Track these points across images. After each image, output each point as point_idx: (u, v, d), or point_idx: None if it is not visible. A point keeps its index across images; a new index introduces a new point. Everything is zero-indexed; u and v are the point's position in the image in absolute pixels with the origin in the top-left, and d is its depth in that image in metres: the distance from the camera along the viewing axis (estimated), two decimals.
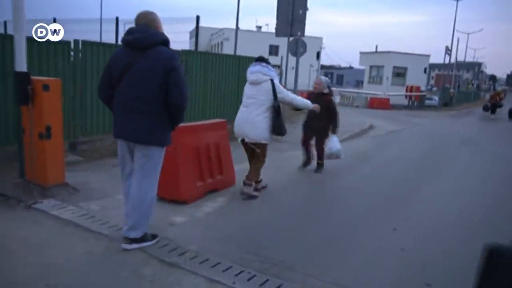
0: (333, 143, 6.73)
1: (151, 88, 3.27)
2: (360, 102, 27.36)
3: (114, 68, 3.38)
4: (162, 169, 4.72)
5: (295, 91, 19.36)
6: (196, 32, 9.76)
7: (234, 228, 4.26)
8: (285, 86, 17.53)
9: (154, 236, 3.70)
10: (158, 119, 3.38)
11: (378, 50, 34.69)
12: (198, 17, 9.73)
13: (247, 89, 5.27)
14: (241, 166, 6.13)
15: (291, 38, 17.14)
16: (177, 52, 3.73)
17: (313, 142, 7.07)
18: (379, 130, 13.66)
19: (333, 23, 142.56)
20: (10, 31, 12.60)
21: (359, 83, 47.42)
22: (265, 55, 22.22)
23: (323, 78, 5.99)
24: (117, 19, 11.46)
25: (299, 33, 12.91)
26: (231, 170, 5.66)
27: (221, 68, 10.24)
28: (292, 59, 16.90)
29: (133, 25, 3.45)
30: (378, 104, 26.14)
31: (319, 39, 54.82)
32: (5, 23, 13.61)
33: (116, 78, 3.36)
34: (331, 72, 70.79)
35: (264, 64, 5.21)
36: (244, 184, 5.32)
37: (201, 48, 48.69)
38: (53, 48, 6.96)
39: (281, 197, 5.51)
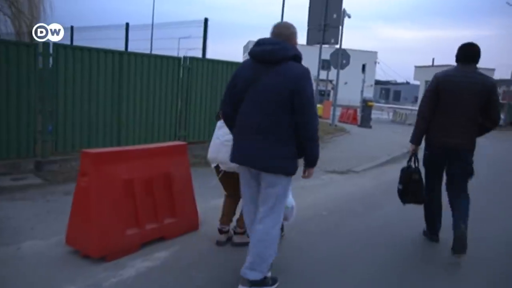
0: None
1: (276, 109, 2.89)
2: (413, 120, 24.88)
3: (238, 83, 3.02)
4: (74, 211, 3.46)
5: (335, 106, 17.74)
6: (204, 36, 8.48)
7: None
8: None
9: (274, 280, 3.21)
10: (285, 144, 2.95)
11: (435, 63, 31.98)
12: (206, 20, 8.48)
13: None
14: (214, 202, 4.68)
15: (324, 47, 15.53)
16: (307, 69, 3.01)
17: None
18: None
19: (391, 37, 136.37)
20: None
21: (417, 99, 44.44)
22: (315, 70, 20.79)
23: None
24: (127, 24, 10.53)
25: (332, 40, 11.32)
26: (191, 210, 4.20)
27: None
28: (345, 74, 15.25)
29: None
30: None
31: (374, 53, 52.41)
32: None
33: (239, 94, 3.01)
34: (387, 88, 67.55)
35: None
36: (235, 233, 4.01)
37: None
38: (14, 52, 5.90)
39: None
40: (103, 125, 6.96)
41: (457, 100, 3.93)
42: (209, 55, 8.73)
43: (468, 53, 3.99)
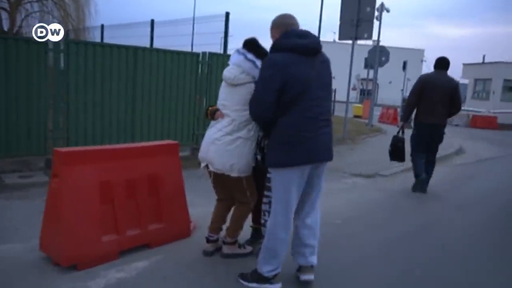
0: None
1: (330, 97, 3.08)
2: (460, 120, 23.55)
3: (294, 80, 2.79)
4: (46, 215, 3.22)
5: (372, 105, 16.96)
6: (225, 31, 8.15)
7: None
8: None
9: None
10: None
11: (486, 61, 30.15)
12: (227, 14, 8.14)
13: (220, 91, 3.46)
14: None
15: (367, 45, 14.88)
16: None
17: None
18: (468, 156, 10.75)
19: (441, 35, 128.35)
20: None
21: (465, 99, 42.30)
22: (360, 69, 20.10)
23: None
24: (152, 21, 10.40)
25: (365, 35, 10.68)
26: (181, 216, 3.87)
27: None
28: (389, 73, 14.45)
29: None
30: (482, 123, 22.18)
31: (420, 51, 50.47)
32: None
33: (296, 92, 2.81)
34: None
35: (250, 55, 3.25)
36: (224, 243, 3.59)
37: None
38: (25, 49, 5.82)
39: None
40: (116, 123, 6.79)
41: (435, 94, 5.89)
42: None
43: (442, 63, 6.07)
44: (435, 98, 5.86)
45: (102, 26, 12.45)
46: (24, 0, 18.95)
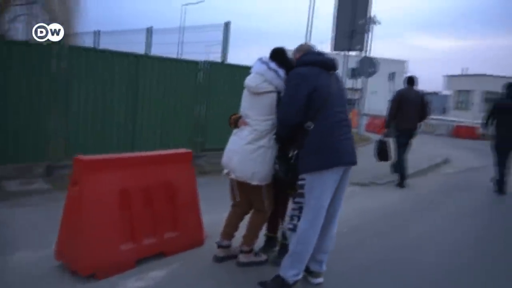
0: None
1: (346, 108, 3.33)
2: (444, 130, 24.08)
3: (319, 88, 3.05)
4: (64, 223, 3.20)
5: (361, 115, 17.19)
6: (224, 41, 8.21)
7: None
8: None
9: None
10: None
11: (468, 73, 30.93)
12: (226, 24, 8.20)
13: (243, 100, 3.53)
14: (226, 215, 4.31)
15: (350, 53, 15.04)
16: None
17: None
18: (455, 165, 10.98)
19: (423, 47, 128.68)
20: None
21: (446, 110, 43.19)
22: (344, 79, 20.22)
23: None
24: (149, 28, 10.39)
25: (358, 47, 10.87)
26: (195, 224, 3.88)
27: None
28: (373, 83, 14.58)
29: None
30: (465, 133, 22.70)
31: (402, 63, 51.25)
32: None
33: (322, 99, 3.04)
34: None
35: (273, 64, 3.32)
36: (241, 252, 3.59)
37: None
38: (28, 54, 5.76)
39: None
40: (117, 130, 6.75)
41: (408, 104, 7.39)
42: (234, 61, 8.39)
43: (411, 80, 7.69)
44: (409, 108, 7.38)
45: (98, 32, 12.34)
46: (10, 3, 18.67)
